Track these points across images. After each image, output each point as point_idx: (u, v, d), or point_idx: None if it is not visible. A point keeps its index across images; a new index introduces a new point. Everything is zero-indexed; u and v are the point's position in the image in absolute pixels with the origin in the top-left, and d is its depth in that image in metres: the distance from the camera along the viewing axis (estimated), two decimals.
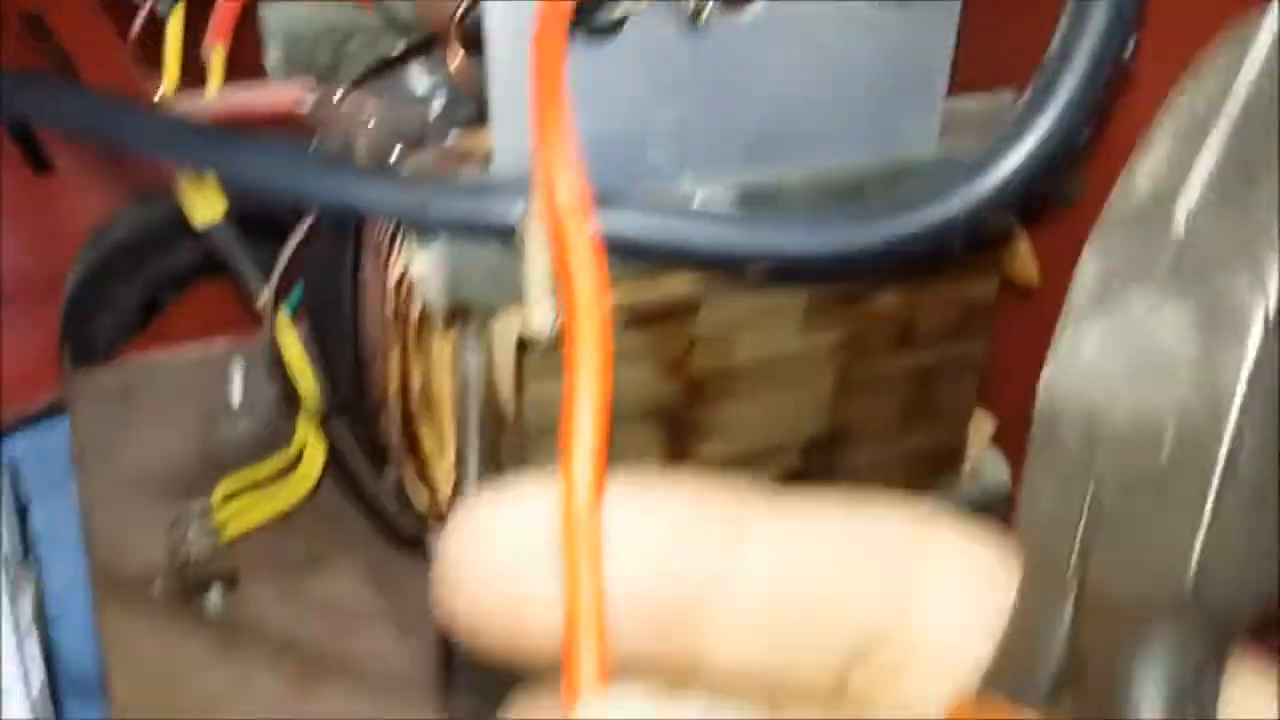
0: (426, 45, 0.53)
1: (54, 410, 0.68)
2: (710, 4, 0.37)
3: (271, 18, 0.55)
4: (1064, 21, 0.36)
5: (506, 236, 0.36)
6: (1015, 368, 0.56)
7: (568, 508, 0.17)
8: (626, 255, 0.38)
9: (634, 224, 0.37)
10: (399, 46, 0.54)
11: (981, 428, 0.51)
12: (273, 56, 0.55)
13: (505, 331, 0.40)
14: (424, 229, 0.38)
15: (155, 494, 0.55)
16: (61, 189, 0.75)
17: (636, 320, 0.41)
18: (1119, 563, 0.16)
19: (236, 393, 0.60)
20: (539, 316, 0.35)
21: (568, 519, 0.17)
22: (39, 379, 0.68)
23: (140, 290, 0.64)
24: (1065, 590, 0.17)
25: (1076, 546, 0.17)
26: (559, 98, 0.33)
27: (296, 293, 0.52)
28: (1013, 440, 0.52)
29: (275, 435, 0.57)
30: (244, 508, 0.52)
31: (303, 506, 0.53)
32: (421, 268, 0.40)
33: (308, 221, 0.46)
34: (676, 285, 0.42)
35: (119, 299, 0.63)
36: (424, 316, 0.43)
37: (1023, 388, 0.55)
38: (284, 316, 0.47)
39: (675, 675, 0.18)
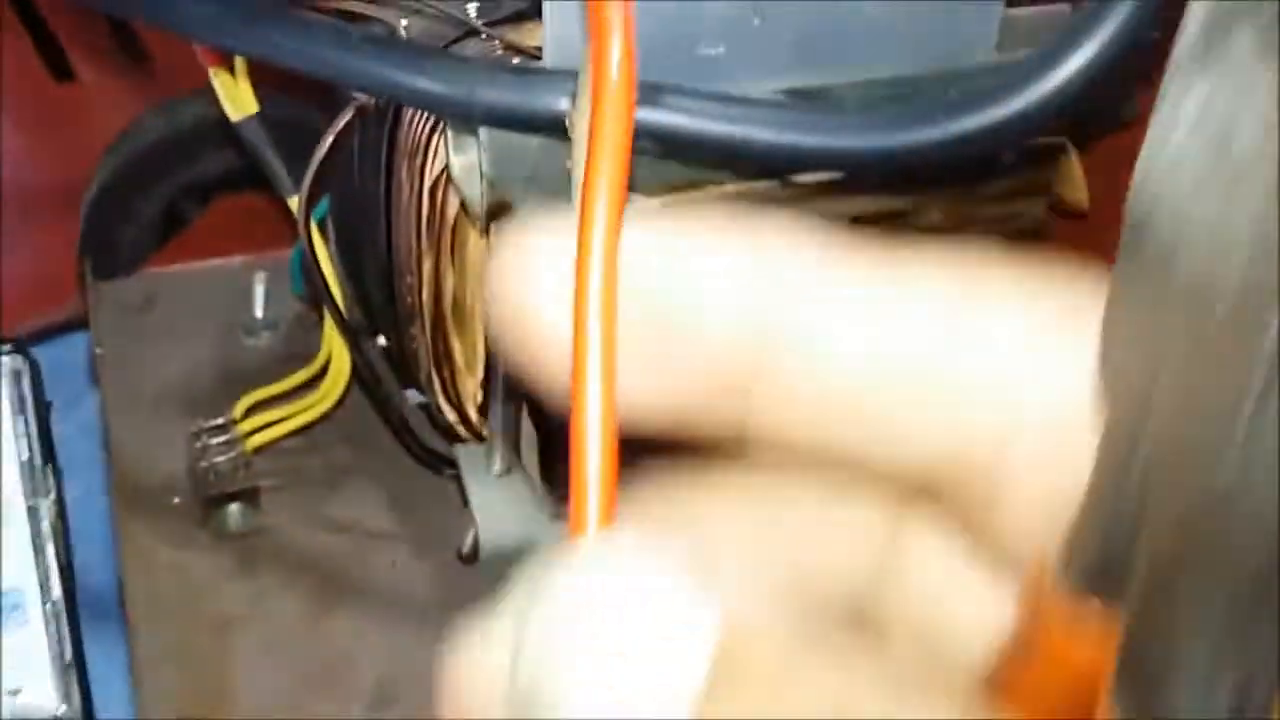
0: None
1: (72, 325, 0.67)
2: None
3: None
4: None
5: (555, 128, 0.35)
6: None
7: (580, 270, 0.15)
8: (675, 148, 0.37)
9: (684, 115, 0.36)
10: None
11: None
12: None
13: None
14: (469, 116, 0.36)
15: (177, 407, 0.54)
16: (84, 98, 0.73)
17: None
18: (1167, 444, 0.12)
19: (259, 306, 0.59)
20: None
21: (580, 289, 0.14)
22: (58, 292, 0.67)
23: (162, 200, 0.62)
24: (1132, 467, 0.13)
25: (1147, 409, 0.13)
26: None
27: (323, 204, 0.50)
28: None
29: (298, 351, 0.56)
30: (268, 420, 0.51)
31: (326, 424, 0.52)
32: (461, 164, 0.39)
33: (339, 123, 0.45)
34: (713, 198, 0.41)
35: (141, 209, 0.62)
36: (460, 220, 0.42)
37: None
38: (318, 233, 0.46)
39: (713, 446, 0.16)
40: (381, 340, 0.47)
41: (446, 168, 0.41)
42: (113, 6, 0.38)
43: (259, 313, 0.59)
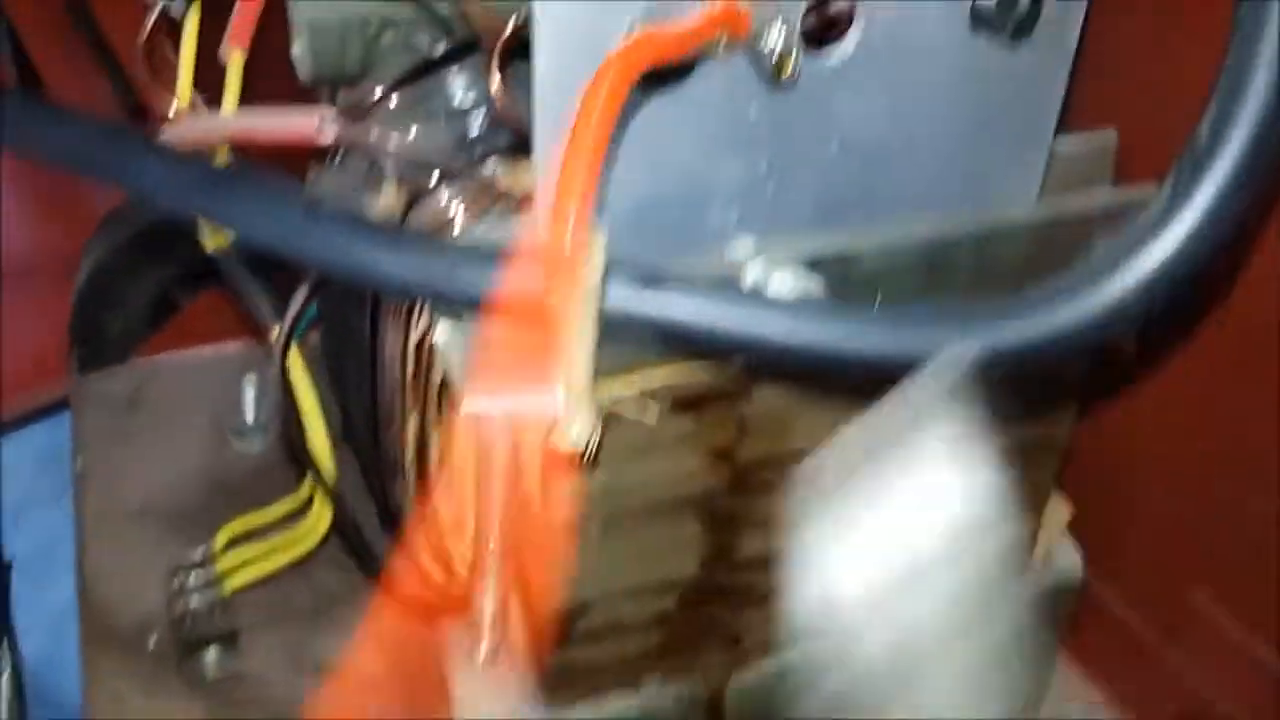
0: (469, 48, 0.48)
1: (68, 403, 0.64)
2: (796, 52, 0.31)
3: (299, 9, 0.50)
4: (1219, 90, 0.30)
5: None
6: (1098, 450, 0.52)
7: None
8: (678, 343, 0.33)
9: (691, 310, 0.32)
10: (439, 47, 0.49)
11: (1057, 513, 0.46)
12: (299, 49, 0.50)
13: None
14: (447, 304, 0.33)
15: (159, 524, 0.52)
16: None
17: (681, 404, 0.37)
18: None
19: (249, 410, 0.56)
20: (576, 427, 0.30)
21: None
22: (59, 366, 0.65)
23: (153, 289, 0.60)
24: None
25: None
26: (592, 162, 0.28)
27: (311, 310, 0.47)
28: (1090, 528, 0.47)
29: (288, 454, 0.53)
30: (247, 558, 0.48)
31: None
32: (446, 333, 0.35)
33: None
34: (728, 365, 0.37)
35: (131, 297, 0.59)
36: (446, 384, 0.39)
37: (1104, 472, 0.49)
38: (300, 368, 0.42)
39: None
40: (365, 483, 0.44)
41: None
42: (79, 166, 0.35)
43: (249, 417, 0.56)
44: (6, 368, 0.64)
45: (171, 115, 0.39)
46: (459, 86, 0.47)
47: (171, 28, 0.41)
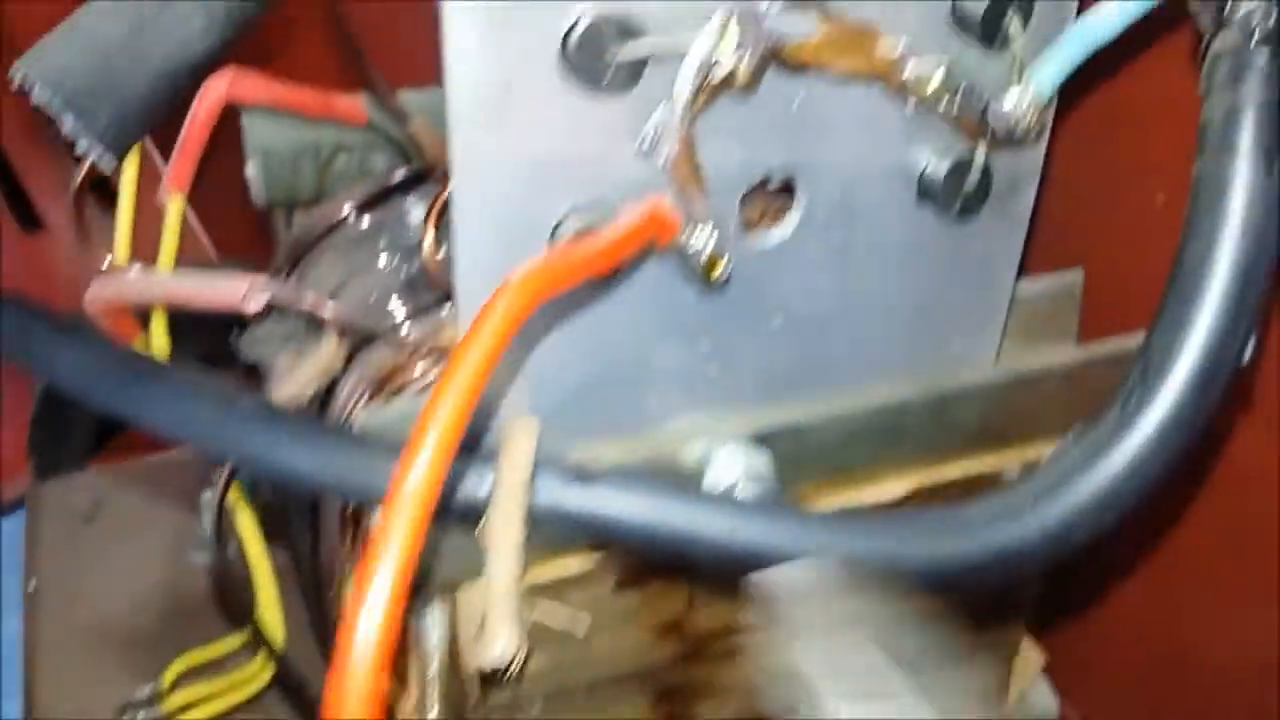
0: (428, 174, 0.47)
1: None
2: (726, 258, 0.30)
3: (252, 133, 0.49)
4: (1169, 301, 0.29)
5: (472, 519, 0.31)
6: (1070, 593, 0.50)
7: None
8: (607, 540, 0.32)
9: (620, 507, 0.31)
10: (397, 172, 0.48)
11: (1030, 660, 0.45)
12: (252, 172, 0.49)
13: (471, 605, 0.34)
14: (368, 502, 0.32)
15: (111, 649, 0.50)
16: (52, 247, 0.70)
17: (625, 581, 0.35)
18: None
19: (209, 524, 0.55)
20: (499, 645, 0.29)
21: None
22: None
23: None
24: None
25: None
26: (467, 398, 0.25)
27: None
28: (1064, 671, 0.45)
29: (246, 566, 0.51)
30: (197, 697, 0.47)
31: None
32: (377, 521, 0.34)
33: None
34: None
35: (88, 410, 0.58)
36: None
37: (1077, 617, 0.48)
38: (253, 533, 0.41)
39: None
40: (312, 632, 0.43)
41: None
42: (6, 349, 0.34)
43: (208, 529, 0.55)
44: (5, 452, 0.63)
45: (104, 269, 0.39)
46: (418, 217, 0.46)
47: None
